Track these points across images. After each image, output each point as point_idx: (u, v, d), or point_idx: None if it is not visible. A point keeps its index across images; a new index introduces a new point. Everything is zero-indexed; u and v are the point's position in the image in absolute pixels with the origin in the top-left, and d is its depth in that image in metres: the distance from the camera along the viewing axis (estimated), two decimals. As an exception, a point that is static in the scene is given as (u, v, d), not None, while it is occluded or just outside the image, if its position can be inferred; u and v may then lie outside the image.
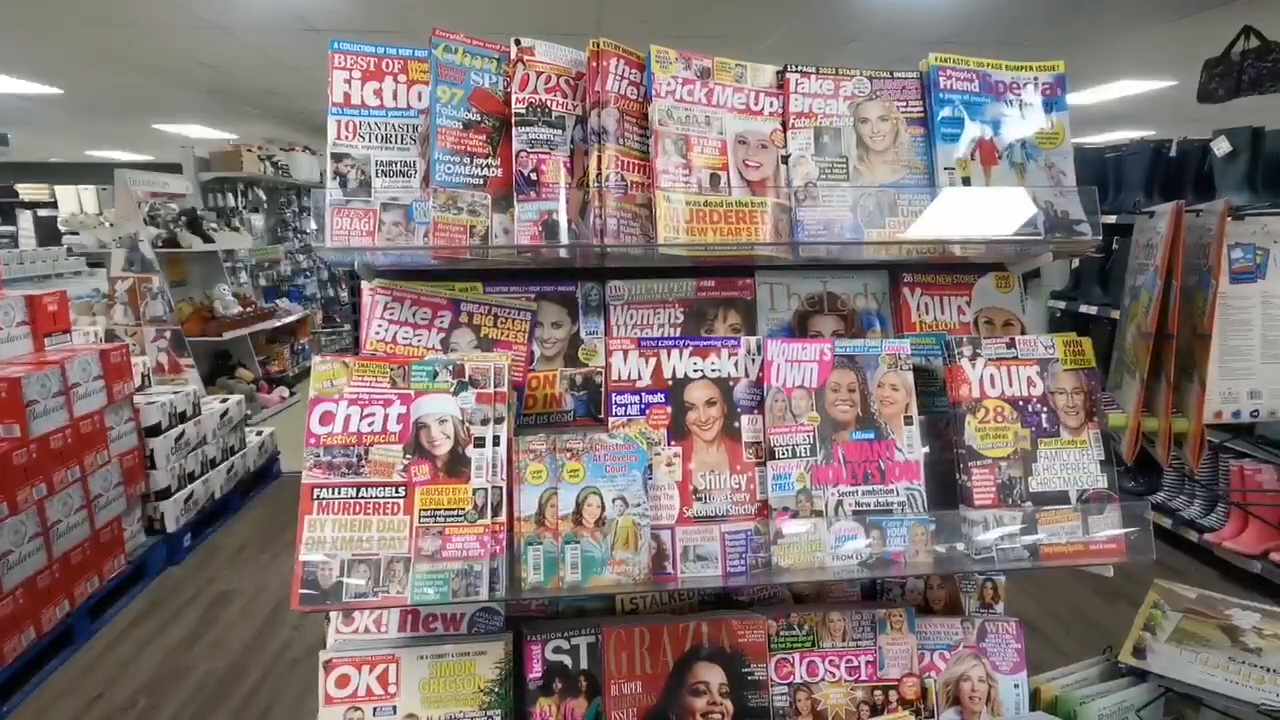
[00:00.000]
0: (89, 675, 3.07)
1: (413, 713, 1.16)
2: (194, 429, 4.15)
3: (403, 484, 1.05)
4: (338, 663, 1.16)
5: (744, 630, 1.25)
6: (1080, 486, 1.17)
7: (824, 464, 1.16)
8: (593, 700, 1.24)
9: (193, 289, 6.34)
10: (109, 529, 3.48)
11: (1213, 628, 1.47)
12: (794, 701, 1.25)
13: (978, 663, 1.32)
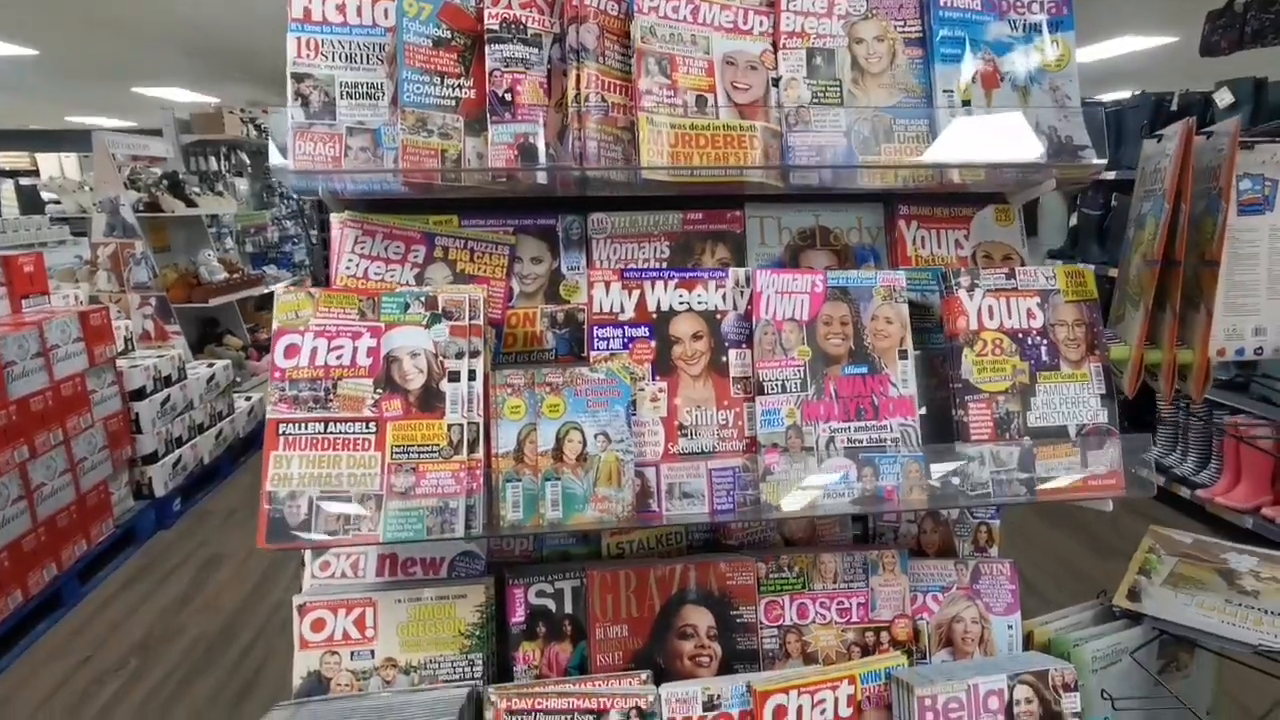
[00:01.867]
0: (79, 637, 3.06)
1: (391, 657, 1.13)
2: (180, 393, 4.09)
3: (373, 419, 1.00)
4: (312, 606, 1.12)
5: (732, 572, 1.22)
6: (1079, 421, 1.13)
7: (815, 399, 1.11)
8: (578, 644, 1.21)
9: (177, 255, 6.22)
10: (95, 493, 3.44)
11: (1209, 571, 1.45)
12: (783, 644, 1.23)
13: (971, 604, 1.29)
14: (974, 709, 1.09)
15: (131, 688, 2.72)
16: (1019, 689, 1.12)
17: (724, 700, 1.11)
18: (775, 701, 1.09)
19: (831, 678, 1.12)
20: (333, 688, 1.12)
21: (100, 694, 2.70)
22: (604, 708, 1.09)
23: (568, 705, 1.09)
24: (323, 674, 1.12)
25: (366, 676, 1.12)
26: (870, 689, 1.13)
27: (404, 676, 1.13)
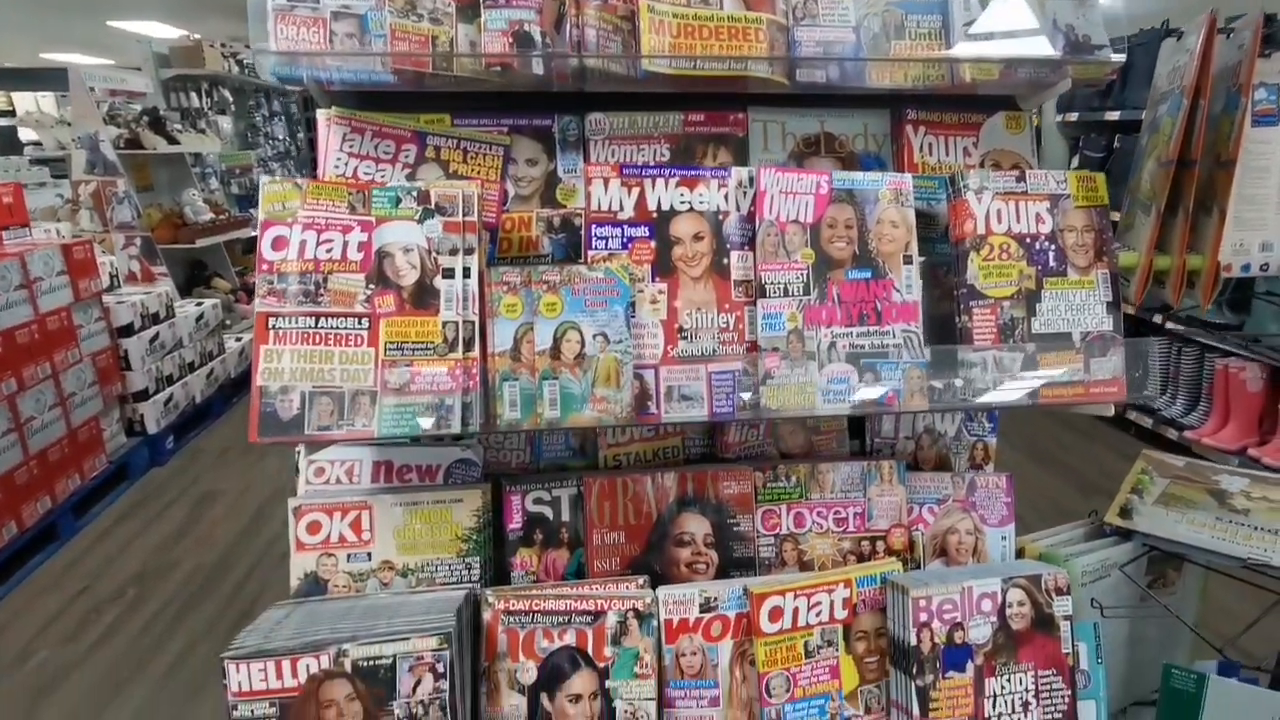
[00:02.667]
0: (75, 569, 3.08)
1: (388, 560, 1.13)
2: (169, 331, 4.04)
3: (366, 315, 0.97)
4: (307, 509, 1.12)
5: (730, 481, 1.22)
6: (1084, 329, 1.12)
7: (817, 303, 1.09)
8: (575, 551, 1.21)
9: (160, 195, 6.08)
10: (86, 428, 3.43)
11: (1200, 491, 1.46)
12: (780, 552, 1.23)
13: (966, 516, 1.30)
14: (967, 610, 1.11)
15: (129, 617, 2.75)
16: (1012, 592, 1.13)
17: (720, 602, 1.12)
18: (771, 603, 1.10)
19: (827, 581, 1.13)
20: (330, 589, 1.12)
21: (99, 622, 2.73)
22: (601, 609, 1.10)
23: (565, 607, 1.10)
24: (320, 575, 1.12)
25: (364, 578, 1.12)
26: (865, 592, 1.14)
27: (401, 579, 1.13)
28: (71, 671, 2.47)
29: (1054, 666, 1.14)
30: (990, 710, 1.11)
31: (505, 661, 1.07)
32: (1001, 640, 1.12)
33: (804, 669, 1.11)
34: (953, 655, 1.10)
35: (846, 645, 1.13)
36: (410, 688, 0.96)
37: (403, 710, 0.96)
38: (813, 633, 1.12)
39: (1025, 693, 1.12)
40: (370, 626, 0.99)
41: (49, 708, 2.31)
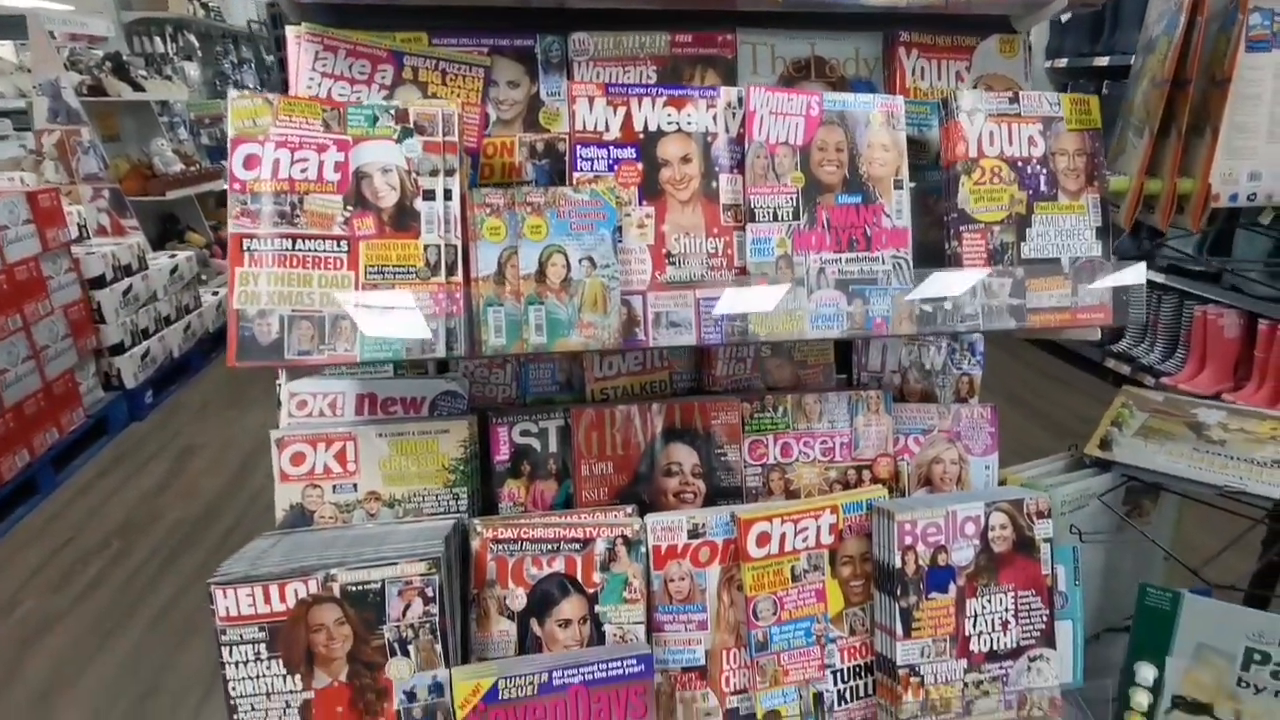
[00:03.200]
0: (57, 522, 3.06)
1: (374, 490, 1.12)
2: (142, 283, 3.95)
3: (345, 237, 0.95)
4: (290, 441, 1.10)
5: (717, 412, 1.21)
6: (1073, 254, 1.11)
7: (806, 229, 1.08)
8: (563, 483, 1.21)
9: (128, 145, 5.88)
10: (62, 381, 3.37)
11: (1179, 424, 1.48)
12: (766, 482, 1.24)
13: (951, 446, 1.31)
14: (951, 533, 1.12)
15: (115, 567, 2.75)
16: (995, 515, 1.14)
17: (708, 529, 1.13)
18: (759, 529, 1.11)
19: (814, 507, 1.14)
20: (316, 521, 1.11)
21: (84, 572, 2.72)
22: (590, 536, 1.10)
23: (554, 535, 1.10)
24: (305, 507, 1.11)
25: (350, 509, 1.12)
26: (852, 518, 1.16)
27: (388, 510, 1.12)
28: (58, 621, 2.47)
29: (1033, 587, 1.16)
30: (970, 629, 1.14)
31: (494, 589, 1.08)
32: (983, 562, 1.14)
33: (790, 593, 1.13)
34: (936, 577, 1.12)
35: (832, 570, 1.15)
36: (400, 612, 0.96)
37: (393, 634, 0.96)
38: (799, 558, 1.13)
39: (1005, 612, 1.15)
40: (358, 553, 0.99)
41: (36, 657, 2.32)
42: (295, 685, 0.95)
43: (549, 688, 0.96)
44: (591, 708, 0.97)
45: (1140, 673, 1.18)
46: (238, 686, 0.94)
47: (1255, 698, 1.11)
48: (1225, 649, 1.12)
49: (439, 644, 0.98)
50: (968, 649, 1.14)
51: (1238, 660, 1.11)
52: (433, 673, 0.98)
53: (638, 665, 0.98)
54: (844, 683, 1.16)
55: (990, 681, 1.15)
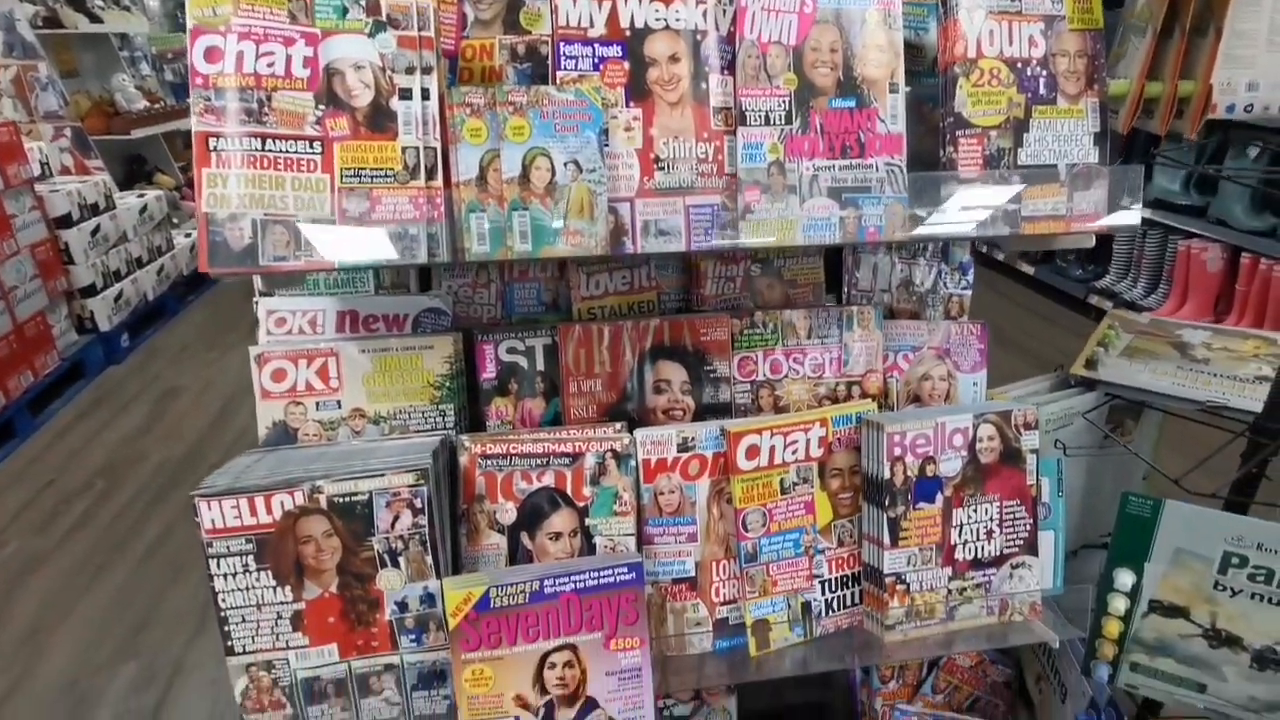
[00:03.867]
0: (38, 464, 3.02)
1: (359, 408, 1.10)
2: (110, 223, 3.83)
3: (318, 138, 0.90)
4: (270, 356, 1.07)
5: (706, 328, 1.20)
6: (1070, 160, 1.09)
7: (799, 133, 1.04)
8: (551, 401, 1.20)
9: (88, 81, 5.61)
10: (33, 324, 3.28)
11: (1164, 344, 1.49)
12: (756, 398, 1.23)
13: (940, 363, 1.31)
14: (940, 444, 1.13)
15: (100, 507, 2.73)
16: (983, 427, 1.15)
17: (698, 442, 1.12)
18: (749, 442, 1.10)
19: (804, 420, 1.14)
20: (300, 438, 1.09)
21: (69, 513, 2.70)
22: (579, 451, 1.09)
23: (543, 450, 1.09)
24: (289, 424, 1.09)
25: (334, 426, 1.10)
26: (841, 431, 1.16)
27: (373, 427, 1.11)
28: (46, 559, 2.46)
29: (1018, 498, 1.18)
30: (956, 538, 1.15)
31: (484, 503, 1.07)
32: (970, 473, 1.15)
33: (780, 504, 1.13)
34: (923, 487, 1.13)
35: (821, 482, 1.16)
36: (388, 523, 0.95)
37: (382, 545, 0.96)
38: (788, 470, 1.13)
39: (990, 522, 1.17)
40: (345, 466, 0.97)
41: (26, 594, 2.32)
42: (285, 597, 0.95)
43: (540, 596, 0.96)
44: (583, 615, 0.98)
45: (1119, 579, 1.21)
46: (227, 599, 0.94)
47: (1231, 600, 1.14)
48: (1204, 553, 1.14)
49: (429, 555, 0.97)
50: (953, 557, 1.16)
51: (1215, 564, 1.14)
52: (424, 584, 0.98)
53: (629, 573, 0.99)
54: (831, 592, 1.18)
55: (974, 588, 1.18)
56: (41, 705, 1.92)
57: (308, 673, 0.97)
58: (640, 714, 1.01)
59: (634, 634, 0.99)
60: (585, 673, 0.99)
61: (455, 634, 0.94)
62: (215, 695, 1.92)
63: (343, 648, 0.98)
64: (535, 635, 0.97)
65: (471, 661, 0.96)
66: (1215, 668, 1.19)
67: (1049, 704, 1.47)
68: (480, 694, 0.96)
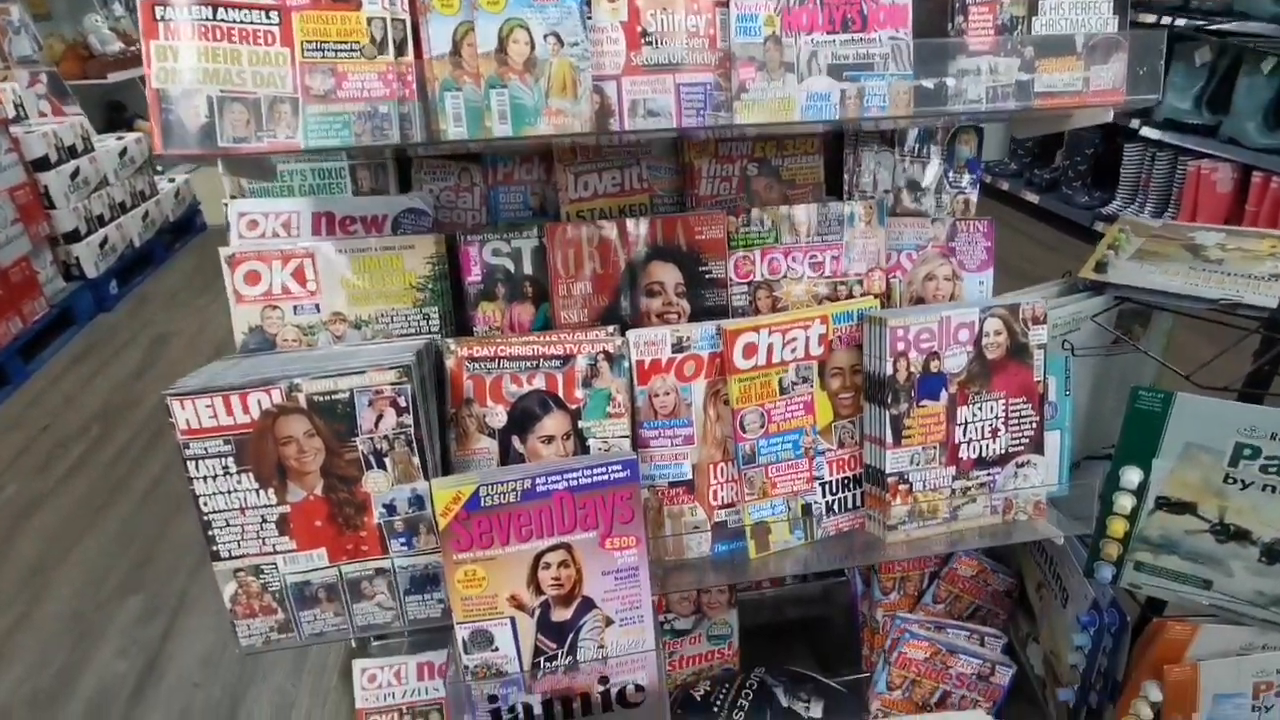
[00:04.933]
0: (33, 409, 3.00)
1: (338, 311, 1.05)
2: (90, 166, 3.72)
3: (275, 7, 0.83)
4: (243, 258, 1.02)
5: (701, 226, 1.14)
6: (1088, 30, 1.02)
7: (796, 5, 0.96)
8: (540, 306, 1.15)
9: (60, 23, 5.40)
10: (17, 269, 3.22)
11: (1176, 247, 1.43)
12: (754, 300, 1.19)
13: (945, 262, 1.26)
14: (945, 339, 1.08)
15: (98, 449, 2.72)
16: (990, 321, 1.10)
17: (693, 342, 1.08)
18: (746, 340, 1.06)
19: (803, 317, 1.09)
20: (279, 344, 1.05)
21: (66, 456, 2.69)
22: (570, 353, 1.05)
23: (532, 352, 1.05)
24: (266, 330, 1.05)
25: (314, 332, 1.05)
26: (842, 329, 1.11)
27: (355, 332, 1.06)
28: (46, 500, 2.46)
29: (1025, 395, 1.14)
30: (960, 437, 1.12)
31: (473, 407, 1.04)
32: (976, 369, 1.11)
33: (778, 405, 1.10)
34: (927, 384, 1.09)
35: (821, 381, 1.12)
36: (372, 423, 0.92)
37: (367, 446, 0.93)
38: (787, 369, 1.09)
39: (995, 420, 1.13)
40: (324, 367, 0.93)
41: (27, 533, 2.32)
42: (269, 500, 0.92)
43: (533, 494, 0.93)
44: (577, 514, 0.95)
45: (1125, 476, 1.18)
46: (209, 502, 0.91)
47: (1241, 493, 1.12)
48: (1215, 446, 1.11)
49: (416, 456, 0.94)
50: (957, 456, 1.13)
51: (1226, 456, 1.11)
52: (411, 486, 0.95)
53: (623, 470, 0.96)
54: (832, 494, 1.15)
55: (978, 488, 1.15)
56: (47, 637, 1.93)
57: (297, 577, 0.95)
58: (638, 614, 1.00)
59: (630, 532, 0.97)
60: (581, 572, 0.97)
61: (445, 534, 0.92)
62: (220, 625, 1.93)
63: (331, 552, 0.95)
64: (528, 535, 0.94)
65: (463, 562, 0.93)
66: (1222, 563, 1.17)
67: (1050, 610, 1.47)
68: (474, 595, 0.94)
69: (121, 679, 1.80)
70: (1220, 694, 1.25)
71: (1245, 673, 1.24)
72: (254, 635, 0.97)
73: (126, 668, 1.83)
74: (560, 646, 0.98)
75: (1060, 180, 4.47)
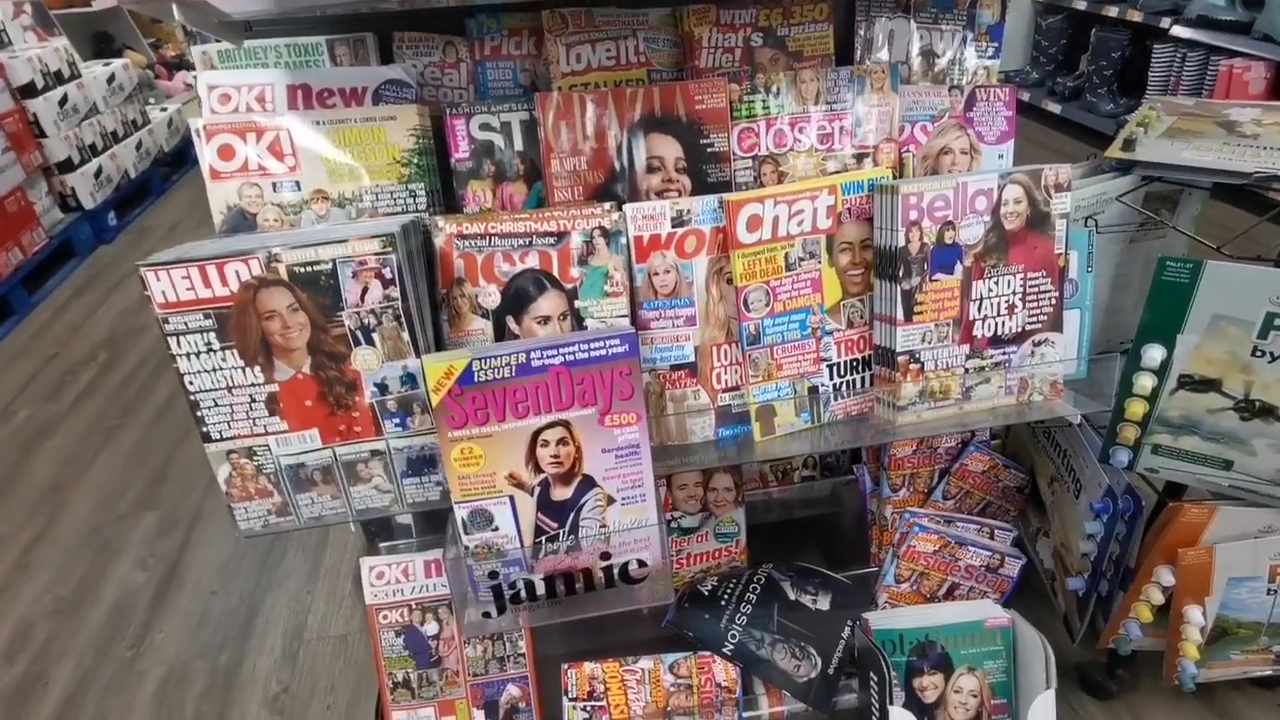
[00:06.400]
0: (40, 339, 3.00)
1: (320, 189, 1.00)
2: (78, 93, 3.62)
3: None
4: (216, 130, 0.97)
5: (702, 94, 1.07)
6: None
7: None
8: (533, 186, 1.10)
9: (38, -54, 5.18)
10: (13, 199, 3.17)
11: (1209, 124, 1.34)
12: (759, 176, 1.12)
13: (962, 134, 1.18)
14: (961, 207, 1.02)
15: (106, 375, 2.72)
16: (1010, 188, 1.04)
17: (694, 216, 1.03)
18: (750, 212, 1.00)
19: (810, 187, 1.03)
20: (260, 225, 1.00)
21: (76, 382, 2.70)
22: (564, 229, 1.00)
23: (525, 229, 1.00)
24: (245, 209, 1.00)
25: (296, 211, 1.01)
26: (851, 200, 1.05)
27: (339, 210, 1.02)
28: (59, 424, 2.48)
29: (1044, 268, 1.09)
30: (975, 313, 1.07)
31: (464, 286, 1.00)
32: (993, 241, 1.05)
33: (784, 282, 1.05)
34: (941, 256, 1.03)
35: (830, 257, 1.06)
36: (358, 296, 0.88)
37: (353, 321, 0.89)
38: (794, 243, 1.04)
39: (1012, 295, 1.08)
40: (304, 240, 0.89)
41: (43, 455, 2.34)
42: (256, 378, 0.89)
43: (528, 369, 0.90)
44: (575, 389, 0.92)
45: (1147, 355, 1.14)
46: (194, 380, 0.88)
47: (1269, 367, 1.07)
48: (1244, 317, 1.06)
49: (405, 332, 0.91)
50: (971, 334, 1.08)
51: (1256, 328, 1.06)
52: (402, 363, 0.92)
53: (621, 345, 0.92)
54: (840, 377, 1.11)
55: (992, 367, 1.11)
56: (68, 550, 1.97)
57: (291, 459, 0.94)
58: (640, 493, 0.98)
59: (630, 409, 0.94)
60: (580, 450, 0.94)
61: (439, 410, 0.89)
62: (238, 537, 1.96)
63: (324, 433, 0.93)
64: (525, 411, 0.92)
65: (459, 440, 0.91)
66: (1245, 442, 1.13)
67: (1062, 503, 1.45)
68: (471, 473, 0.92)
69: (141, 588, 1.84)
70: (1235, 577, 1.24)
71: (1262, 555, 1.22)
72: (251, 519, 0.96)
73: (146, 578, 1.87)
74: (561, 526, 0.97)
75: (1084, 88, 4.26)
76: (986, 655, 1.26)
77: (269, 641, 1.66)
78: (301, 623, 1.71)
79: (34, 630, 1.73)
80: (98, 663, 1.64)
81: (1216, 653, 1.28)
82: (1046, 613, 1.47)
